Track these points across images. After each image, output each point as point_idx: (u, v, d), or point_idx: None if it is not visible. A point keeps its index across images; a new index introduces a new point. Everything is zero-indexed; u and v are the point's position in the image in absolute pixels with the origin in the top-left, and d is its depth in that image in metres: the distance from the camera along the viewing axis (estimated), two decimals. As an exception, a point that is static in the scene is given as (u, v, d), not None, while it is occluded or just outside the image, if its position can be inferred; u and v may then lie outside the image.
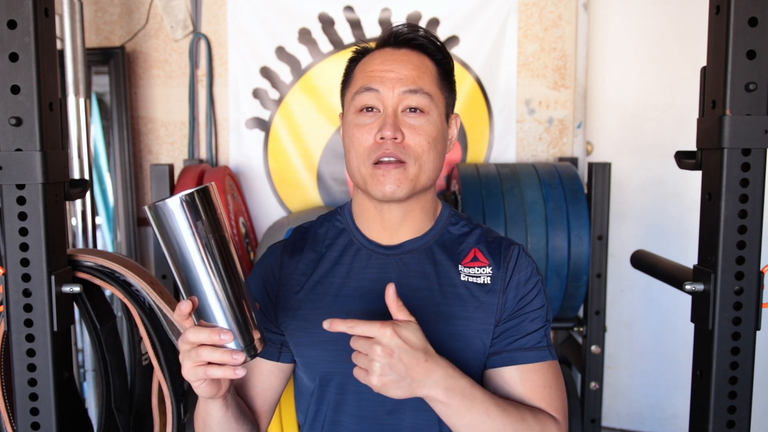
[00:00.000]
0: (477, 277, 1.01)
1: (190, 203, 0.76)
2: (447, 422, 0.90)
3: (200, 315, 0.80)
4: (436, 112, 1.00)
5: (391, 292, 0.86)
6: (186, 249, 0.77)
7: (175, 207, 0.75)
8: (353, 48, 1.07)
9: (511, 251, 1.03)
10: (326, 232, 1.09)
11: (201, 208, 0.76)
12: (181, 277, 0.79)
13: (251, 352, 0.82)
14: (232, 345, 0.80)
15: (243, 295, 0.82)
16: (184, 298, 0.80)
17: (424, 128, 0.98)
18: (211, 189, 0.78)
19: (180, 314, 0.79)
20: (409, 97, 0.97)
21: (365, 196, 1.03)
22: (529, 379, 0.97)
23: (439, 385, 0.86)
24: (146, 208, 0.77)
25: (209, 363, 0.81)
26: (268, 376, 1.06)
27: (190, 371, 0.82)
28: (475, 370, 1.00)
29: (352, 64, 1.05)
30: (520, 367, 0.98)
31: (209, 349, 0.80)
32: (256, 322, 0.84)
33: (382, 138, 0.96)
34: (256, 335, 0.83)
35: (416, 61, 1.00)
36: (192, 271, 0.78)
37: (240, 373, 0.80)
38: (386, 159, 0.96)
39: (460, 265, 1.02)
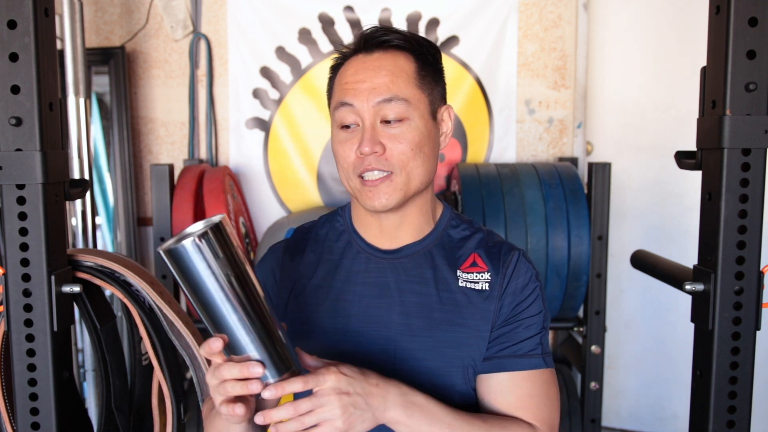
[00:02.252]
0: (475, 282, 1.00)
1: (205, 242, 0.73)
2: None
3: (231, 350, 0.79)
4: (417, 115, 0.96)
5: (307, 359, 0.86)
6: (207, 288, 0.74)
7: (190, 248, 0.72)
8: (333, 55, 1.04)
9: (511, 257, 1.01)
10: (327, 234, 1.08)
11: (217, 244, 0.73)
12: (207, 316, 0.77)
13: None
14: (268, 377, 0.79)
15: (271, 325, 0.79)
16: (212, 335, 0.78)
17: (405, 136, 0.95)
18: (223, 223, 0.75)
19: (210, 352, 0.78)
20: (385, 107, 0.94)
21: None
22: (516, 387, 0.96)
23: (396, 405, 0.86)
24: (161, 251, 0.73)
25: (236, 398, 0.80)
26: None
27: (221, 407, 0.81)
28: (469, 377, 0.99)
29: (333, 72, 1.03)
30: (510, 374, 0.97)
31: (233, 383, 0.79)
32: (288, 349, 0.82)
33: (361, 153, 0.94)
34: (290, 360, 0.82)
35: (389, 64, 0.96)
36: (217, 310, 0.76)
37: (260, 387, 0.79)
38: (369, 173, 0.95)
39: (458, 270, 1.01)
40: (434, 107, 1.00)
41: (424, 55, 1.00)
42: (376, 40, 0.98)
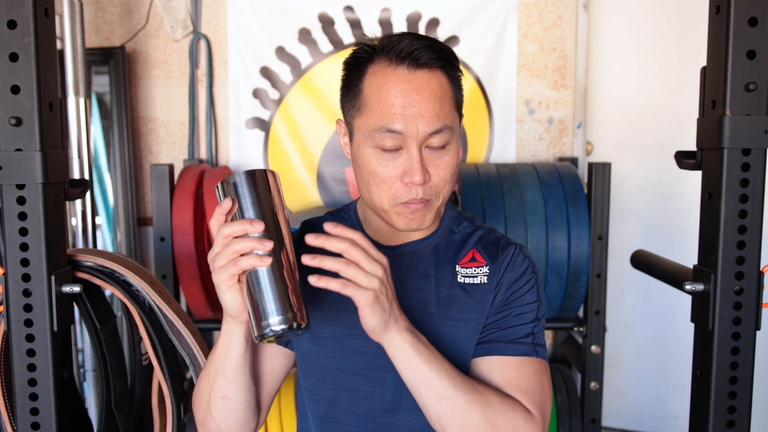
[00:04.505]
0: (474, 277, 1.01)
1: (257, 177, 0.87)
2: (407, 376, 0.90)
3: (251, 281, 0.83)
4: (455, 138, 0.96)
5: None
6: (258, 209, 0.85)
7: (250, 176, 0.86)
8: (355, 48, 0.98)
9: (508, 250, 1.02)
10: None
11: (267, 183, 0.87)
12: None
13: (301, 323, 0.83)
14: (274, 308, 0.82)
15: (295, 269, 0.86)
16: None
17: (447, 162, 0.95)
18: (272, 174, 0.89)
19: (221, 210, 0.83)
20: (433, 137, 0.93)
21: (377, 215, 1.01)
22: (504, 371, 0.96)
23: (406, 329, 0.89)
24: (241, 173, 0.86)
25: (240, 255, 0.82)
26: (272, 359, 1.05)
27: (221, 271, 0.83)
28: (465, 370, 0.99)
29: (356, 71, 0.97)
30: (498, 358, 0.96)
31: (239, 240, 0.82)
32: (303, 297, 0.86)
33: (410, 182, 0.93)
34: (303, 309, 0.85)
35: (436, 87, 0.93)
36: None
37: (267, 261, 0.81)
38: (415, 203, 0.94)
39: (457, 266, 1.02)
40: (460, 126, 1.01)
41: (459, 75, 0.98)
42: (425, 60, 0.92)
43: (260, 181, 0.86)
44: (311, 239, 0.83)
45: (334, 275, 0.84)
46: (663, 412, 2.75)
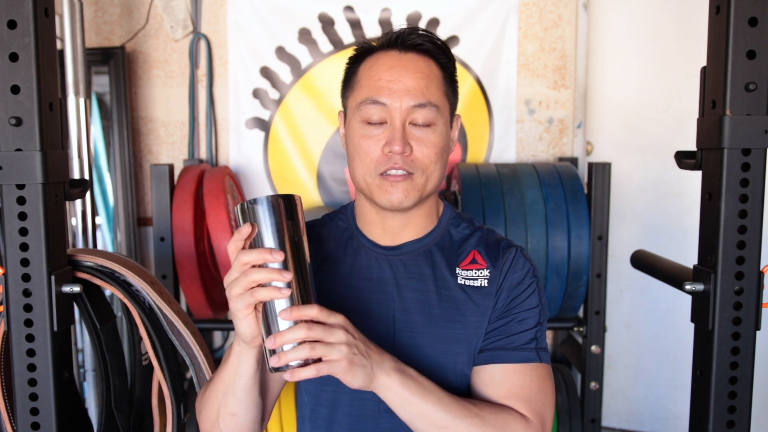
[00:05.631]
0: (474, 279, 1.01)
1: (280, 203, 0.83)
2: (402, 414, 0.89)
3: (268, 311, 0.82)
4: (443, 122, 0.98)
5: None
6: (275, 240, 0.82)
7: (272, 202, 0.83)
8: (354, 47, 1.04)
9: (508, 253, 1.02)
10: (329, 232, 1.09)
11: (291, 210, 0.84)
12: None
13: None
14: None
15: (313, 298, 0.84)
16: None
17: (432, 140, 0.97)
18: (297, 199, 0.86)
19: (240, 236, 0.80)
20: (417, 111, 0.95)
21: (368, 201, 1.02)
22: (507, 379, 0.96)
23: (392, 369, 0.87)
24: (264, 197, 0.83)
25: (258, 286, 0.80)
26: None
27: (238, 299, 0.81)
28: (463, 372, 1.00)
29: (354, 63, 1.03)
30: (502, 366, 0.97)
31: (257, 270, 0.80)
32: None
33: (390, 151, 0.95)
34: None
35: (423, 67, 0.97)
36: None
37: (286, 293, 0.79)
38: (394, 172, 0.96)
39: (457, 268, 1.02)
40: (452, 115, 1.03)
41: (451, 65, 1.02)
42: (413, 41, 0.98)
43: (282, 208, 0.83)
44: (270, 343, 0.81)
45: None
46: (663, 412, 2.75)
